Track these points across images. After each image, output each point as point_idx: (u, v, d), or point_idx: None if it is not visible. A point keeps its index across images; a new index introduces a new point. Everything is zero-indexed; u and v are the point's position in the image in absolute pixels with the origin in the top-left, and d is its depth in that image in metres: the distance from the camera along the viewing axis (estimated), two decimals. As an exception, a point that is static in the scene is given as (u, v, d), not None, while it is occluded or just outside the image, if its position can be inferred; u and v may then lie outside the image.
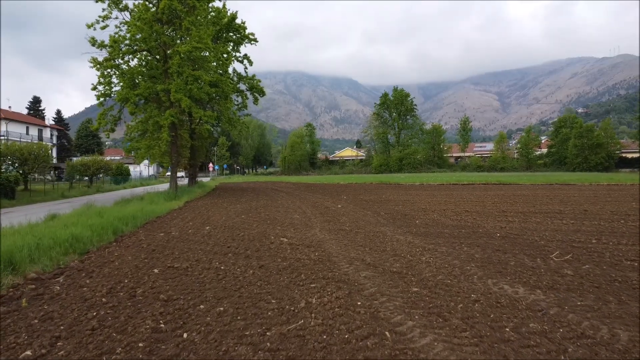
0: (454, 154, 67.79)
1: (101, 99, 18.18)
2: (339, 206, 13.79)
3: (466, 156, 67.61)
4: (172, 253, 5.99)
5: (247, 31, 25.21)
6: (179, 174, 29.37)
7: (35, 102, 79.45)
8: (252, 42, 25.59)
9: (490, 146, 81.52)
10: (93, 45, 16.95)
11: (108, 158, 69.81)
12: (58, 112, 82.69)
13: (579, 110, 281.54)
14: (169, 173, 25.90)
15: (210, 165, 45.17)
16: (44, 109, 78.83)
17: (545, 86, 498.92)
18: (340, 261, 5.52)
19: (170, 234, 7.79)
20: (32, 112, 75.59)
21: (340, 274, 4.76)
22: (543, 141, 60.64)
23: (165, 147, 16.91)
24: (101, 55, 17.81)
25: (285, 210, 12.61)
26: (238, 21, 24.78)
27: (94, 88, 17.82)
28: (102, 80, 17.87)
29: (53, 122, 73.57)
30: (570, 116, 54.09)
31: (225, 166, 68.55)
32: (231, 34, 25.11)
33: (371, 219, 10.23)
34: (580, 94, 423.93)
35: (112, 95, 18.27)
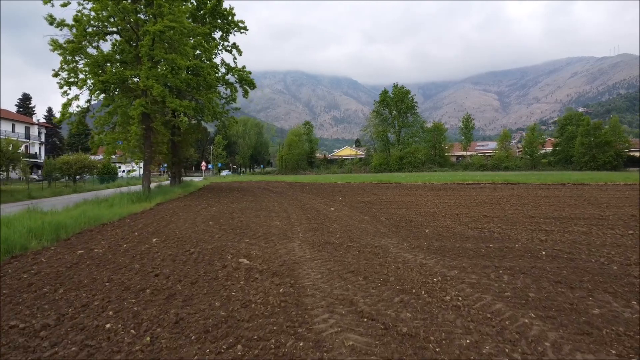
0: (456, 153, 65.77)
1: (65, 88, 16.06)
2: (332, 209, 11.72)
3: (468, 155, 65.54)
4: (52, 291, 3.86)
5: (235, 18, 23.19)
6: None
7: (25, 99, 77.30)
8: (242, 30, 23.51)
9: (492, 145, 79.52)
10: (51, 24, 14.83)
11: (99, 157, 67.63)
12: (49, 110, 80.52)
13: (579, 110, 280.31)
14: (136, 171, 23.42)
15: (204, 164, 42.91)
16: (34, 107, 76.75)
17: (545, 86, 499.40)
18: (316, 306, 3.43)
19: (91, 251, 5.69)
20: (21, 109, 73.45)
21: (308, 343, 2.67)
22: (547, 140, 58.53)
23: (134, 141, 14.81)
24: (64, 36, 15.71)
25: (266, 215, 10.53)
26: (225, 6, 22.72)
27: (56, 74, 15.71)
28: (65, 66, 15.77)
29: (44, 120, 71.37)
30: (576, 113, 52.02)
31: (220, 165, 66.23)
32: (218, 20, 23.03)
33: (369, 227, 8.16)
34: (581, 94, 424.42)
35: (79, 83, 16.17)
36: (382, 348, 2.63)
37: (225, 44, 21.32)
